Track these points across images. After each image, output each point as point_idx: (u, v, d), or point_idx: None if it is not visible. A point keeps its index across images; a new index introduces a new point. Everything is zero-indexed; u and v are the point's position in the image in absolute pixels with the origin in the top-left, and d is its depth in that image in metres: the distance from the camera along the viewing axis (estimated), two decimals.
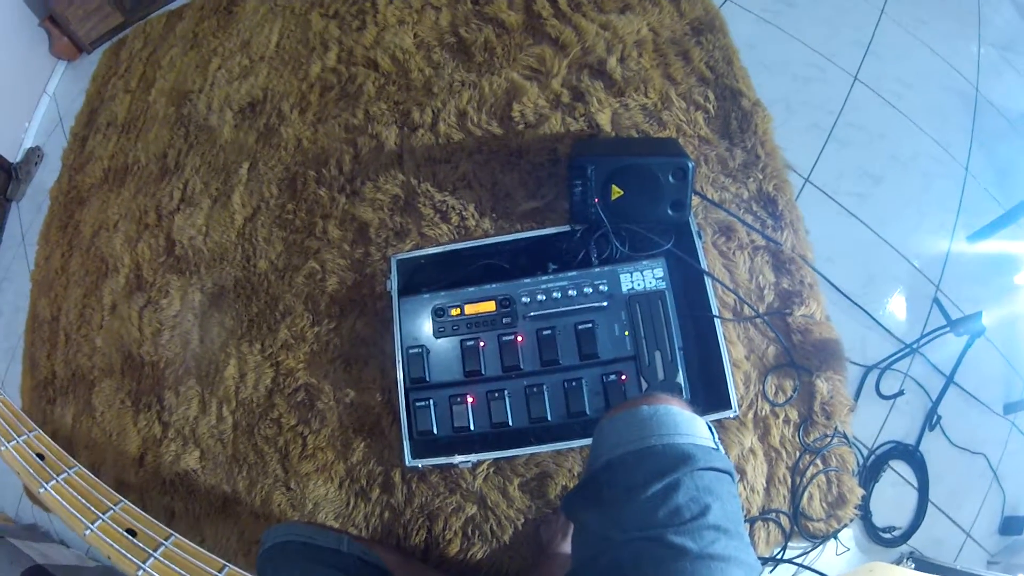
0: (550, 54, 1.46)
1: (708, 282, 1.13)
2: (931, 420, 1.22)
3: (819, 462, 1.16)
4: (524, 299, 1.11)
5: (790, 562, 1.14)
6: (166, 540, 0.45)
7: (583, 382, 1.06)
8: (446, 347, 1.12)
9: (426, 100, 1.49)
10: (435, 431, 1.09)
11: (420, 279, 1.23)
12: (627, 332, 1.06)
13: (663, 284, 1.08)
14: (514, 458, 1.18)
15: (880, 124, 1.45)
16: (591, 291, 1.09)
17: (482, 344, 1.10)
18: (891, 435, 1.22)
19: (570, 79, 1.44)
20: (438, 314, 1.13)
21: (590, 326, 1.07)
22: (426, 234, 1.35)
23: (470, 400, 1.08)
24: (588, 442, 1.09)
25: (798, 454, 1.17)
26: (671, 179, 1.11)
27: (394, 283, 1.21)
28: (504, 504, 1.17)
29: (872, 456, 1.21)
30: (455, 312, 1.12)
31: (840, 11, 1.58)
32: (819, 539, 1.14)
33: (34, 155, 2.12)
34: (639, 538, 0.53)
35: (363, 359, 1.31)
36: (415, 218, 1.38)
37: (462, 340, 1.11)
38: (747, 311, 1.23)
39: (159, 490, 1.40)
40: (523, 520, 1.17)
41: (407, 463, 1.10)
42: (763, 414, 1.18)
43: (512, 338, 1.09)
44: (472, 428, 1.08)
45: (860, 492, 1.15)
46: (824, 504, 1.15)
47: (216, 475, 1.36)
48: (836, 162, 1.39)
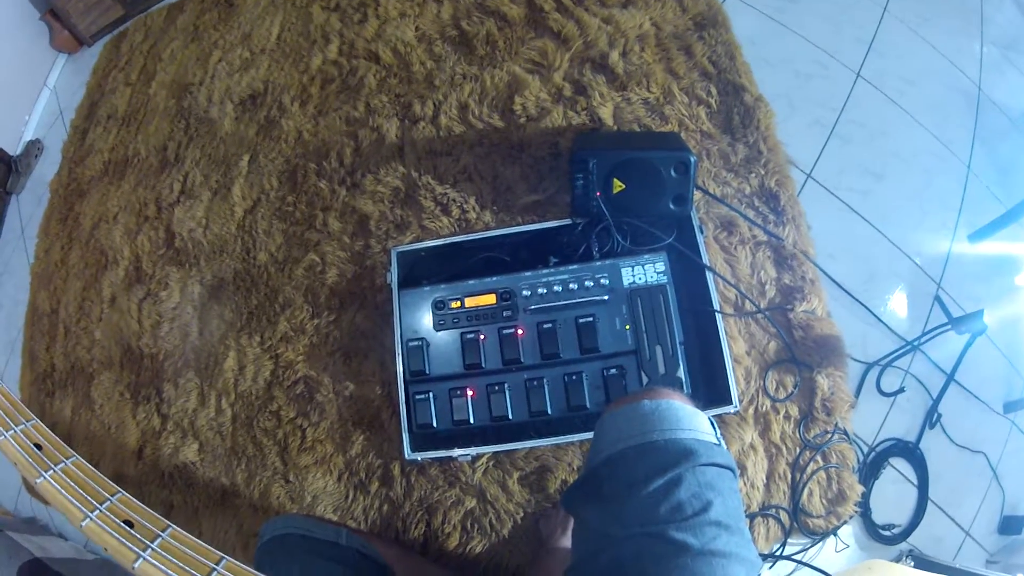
0: (552, 47, 1.46)
1: (709, 277, 1.12)
2: (931, 418, 1.22)
3: (819, 458, 1.16)
4: (525, 292, 1.10)
5: (789, 558, 1.14)
6: (163, 531, 0.45)
7: (583, 376, 1.05)
8: (446, 340, 1.11)
9: (427, 93, 1.49)
10: (435, 424, 1.09)
11: (420, 272, 1.23)
12: (628, 326, 1.06)
13: (664, 278, 1.08)
14: (514, 452, 1.17)
15: (882, 121, 1.44)
16: (592, 285, 1.09)
17: (482, 337, 1.09)
18: (891, 432, 1.22)
19: (572, 73, 1.44)
20: (438, 307, 1.13)
21: (591, 320, 1.07)
22: (427, 227, 1.35)
23: (470, 393, 1.08)
24: (588, 436, 1.08)
25: (798, 450, 1.16)
26: (673, 173, 1.11)
27: (394, 276, 1.21)
28: (503, 498, 1.17)
29: (872, 453, 1.20)
30: (455, 305, 1.12)
31: (843, 8, 1.57)
32: (819, 536, 1.14)
33: (34, 148, 2.11)
34: (640, 534, 0.53)
35: (363, 352, 1.30)
36: (416, 211, 1.37)
37: (462, 333, 1.10)
38: (748, 306, 1.22)
39: (158, 483, 1.39)
40: (522, 514, 1.16)
41: (406, 456, 1.10)
42: (764, 410, 1.18)
43: (512, 331, 1.08)
44: (472, 421, 1.08)
45: (860, 489, 1.15)
46: (824, 501, 1.15)
47: (215, 468, 1.36)
48: (838, 158, 1.39)
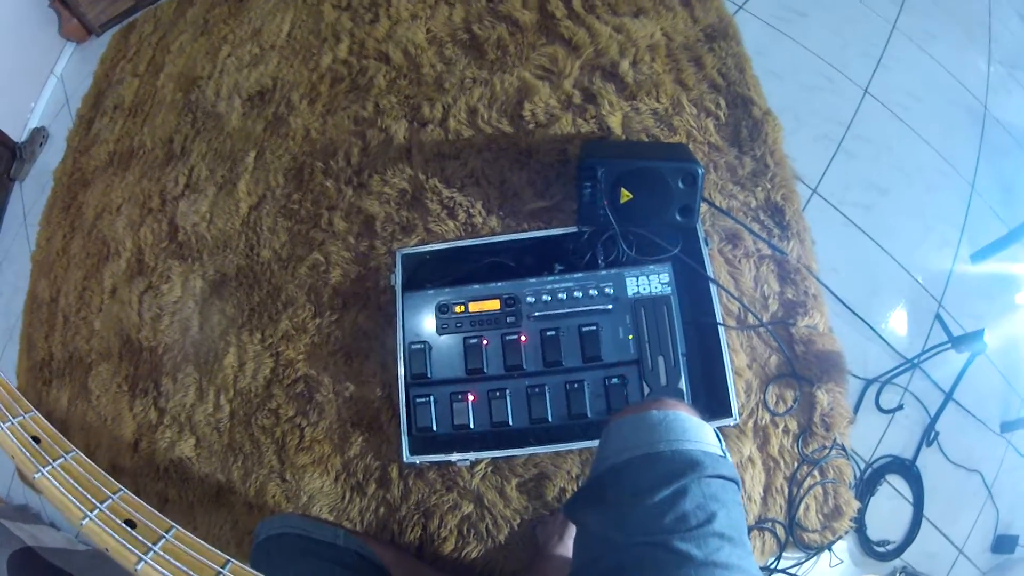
0: (563, 54, 1.46)
1: (713, 289, 1.12)
2: (929, 436, 1.23)
3: (816, 473, 1.16)
4: (529, 299, 1.10)
5: (784, 572, 1.14)
6: (167, 532, 0.44)
7: (585, 384, 1.05)
8: (449, 344, 1.11)
9: (437, 95, 1.49)
10: (434, 428, 1.09)
11: (424, 275, 1.23)
12: (631, 336, 1.06)
13: (669, 289, 1.08)
14: (513, 458, 1.17)
15: (888, 136, 1.45)
16: (596, 293, 1.09)
17: (485, 342, 1.09)
18: (889, 449, 1.23)
19: (582, 80, 1.44)
20: (442, 311, 1.12)
21: (594, 328, 1.07)
22: (432, 230, 1.35)
23: (471, 398, 1.08)
24: (588, 444, 1.09)
25: (796, 464, 1.17)
26: (680, 184, 1.11)
27: (398, 278, 1.20)
28: (501, 504, 1.17)
29: (869, 469, 1.21)
30: (459, 309, 1.12)
31: (851, 22, 1.58)
32: (814, 550, 1.15)
33: (39, 135, 2.11)
34: (643, 542, 0.53)
35: (364, 353, 1.30)
36: (422, 213, 1.37)
37: (465, 338, 1.10)
38: (751, 319, 1.23)
39: (153, 476, 1.39)
40: (519, 520, 1.16)
41: (405, 459, 1.09)
42: (763, 423, 1.18)
43: (516, 337, 1.08)
44: (472, 426, 1.08)
45: (856, 505, 1.16)
46: (820, 515, 1.15)
47: (211, 463, 1.35)
48: (843, 174, 1.39)
